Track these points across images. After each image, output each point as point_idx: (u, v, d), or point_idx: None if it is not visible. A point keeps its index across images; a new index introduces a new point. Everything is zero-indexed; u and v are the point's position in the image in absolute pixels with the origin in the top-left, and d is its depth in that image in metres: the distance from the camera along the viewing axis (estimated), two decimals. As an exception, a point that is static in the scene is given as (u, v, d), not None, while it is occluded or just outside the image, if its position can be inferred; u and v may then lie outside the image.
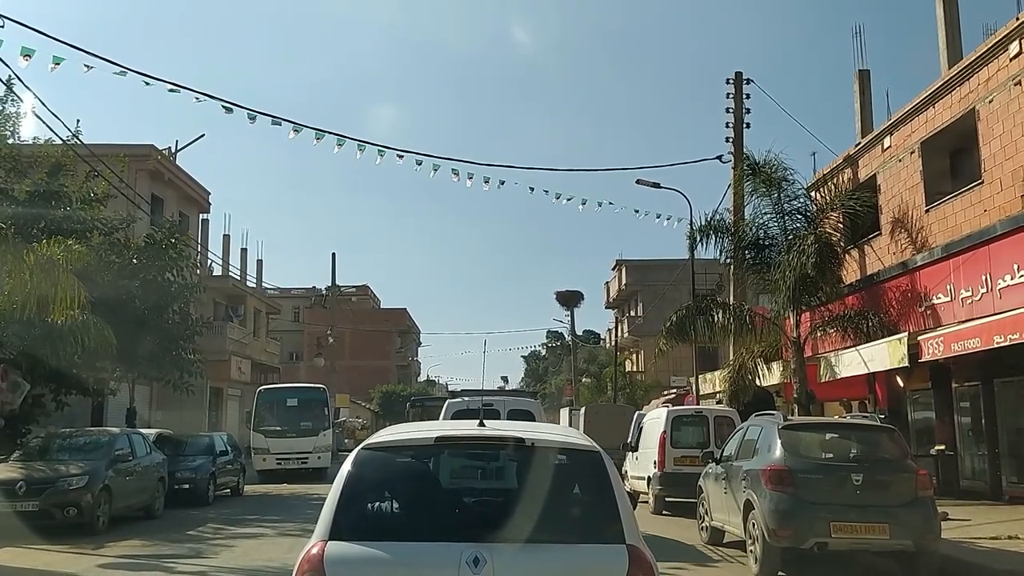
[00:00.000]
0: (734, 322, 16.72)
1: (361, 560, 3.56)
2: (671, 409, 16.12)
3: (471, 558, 3.45)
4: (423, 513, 3.90)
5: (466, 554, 3.46)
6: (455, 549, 3.49)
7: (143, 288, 19.11)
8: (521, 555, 3.53)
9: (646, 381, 46.41)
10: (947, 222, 15.40)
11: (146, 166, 32.00)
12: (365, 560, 3.55)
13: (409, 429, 4.68)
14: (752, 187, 16.97)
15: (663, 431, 15.33)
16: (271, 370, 45.85)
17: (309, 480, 24.56)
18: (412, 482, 4.11)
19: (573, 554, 3.63)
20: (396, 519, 3.96)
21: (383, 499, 4.02)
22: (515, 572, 3.52)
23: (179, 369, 20.28)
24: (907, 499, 8.68)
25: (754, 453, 9.66)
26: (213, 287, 38.63)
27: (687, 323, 16.87)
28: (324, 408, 26.32)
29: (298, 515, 15.02)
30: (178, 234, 20.96)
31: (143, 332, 19.14)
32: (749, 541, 9.27)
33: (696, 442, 15.40)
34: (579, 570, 3.61)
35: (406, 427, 4.94)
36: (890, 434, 9.51)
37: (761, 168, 16.67)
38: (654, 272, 47.87)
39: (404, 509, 3.97)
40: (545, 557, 3.56)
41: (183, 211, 35.89)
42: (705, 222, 17.55)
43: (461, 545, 3.50)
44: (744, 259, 17.55)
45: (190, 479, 17.02)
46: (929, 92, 16.00)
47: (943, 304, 14.20)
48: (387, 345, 71.14)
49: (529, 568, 3.54)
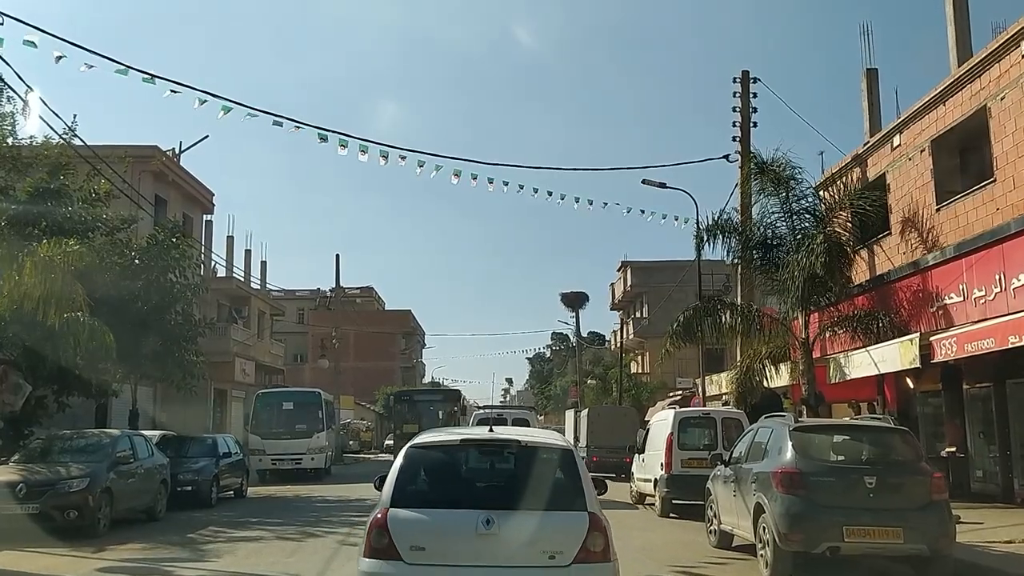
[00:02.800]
0: (742, 323, 16.51)
1: (411, 520, 5.24)
2: (678, 411, 15.92)
3: (484, 520, 5.11)
4: (451, 490, 5.68)
5: (481, 517, 5.13)
6: (473, 514, 5.16)
7: (145, 289, 18.99)
8: (517, 518, 5.19)
9: (651, 383, 46.16)
10: (958, 221, 15.19)
11: (150, 167, 31.86)
12: (414, 520, 5.24)
13: (441, 433, 6.54)
14: (760, 186, 16.77)
15: (670, 433, 15.14)
16: (275, 372, 45.75)
17: (311, 481, 24.50)
18: (444, 469, 5.82)
19: (552, 518, 5.27)
20: (433, 493, 5.63)
21: (425, 480, 5.70)
22: (513, 530, 5.14)
23: (181, 370, 20.16)
24: (921, 502, 8.49)
25: (764, 455, 9.47)
26: (217, 288, 38.57)
27: (695, 324, 16.67)
28: (319, 411, 26.94)
29: (300, 518, 14.87)
30: (180, 234, 20.81)
31: (145, 333, 19.02)
32: (759, 545, 9.08)
33: (703, 444, 15.21)
34: (555, 529, 5.24)
35: (439, 432, 6.83)
36: (903, 436, 9.31)
37: (769, 167, 16.46)
38: (659, 273, 47.67)
39: (439, 487, 5.71)
40: (533, 519, 5.22)
41: (187, 212, 35.77)
42: (712, 222, 17.36)
43: (477, 511, 5.18)
44: (752, 259, 17.34)
45: (193, 481, 16.87)
46: (939, 90, 15.79)
47: (955, 304, 13.99)
48: (392, 347, 71.05)
49: (522, 527, 5.16)
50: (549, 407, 68.94)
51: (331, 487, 22.70)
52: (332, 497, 19.40)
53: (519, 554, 5.14)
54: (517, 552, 5.14)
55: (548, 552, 5.14)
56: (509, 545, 5.13)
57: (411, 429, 27.89)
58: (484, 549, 5.12)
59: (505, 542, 5.13)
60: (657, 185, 25.55)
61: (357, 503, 17.92)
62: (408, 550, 5.15)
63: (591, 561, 5.13)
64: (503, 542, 5.12)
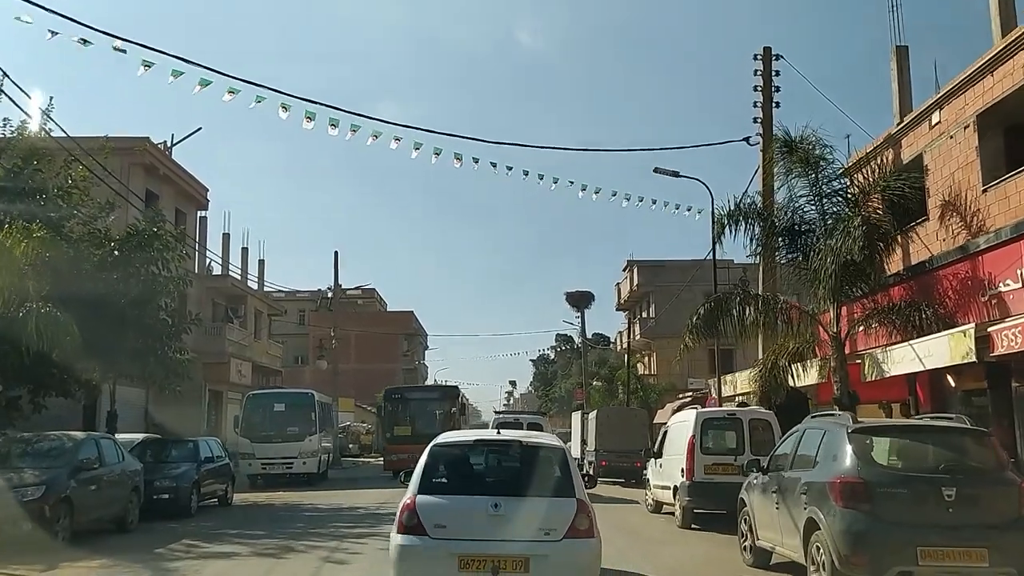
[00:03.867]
0: (767, 316, 15.08)
1: (435, 504, 6.44)
2: (700, 411, 14.47)
3: (493, 504, 6.34)
4: (466, 480, 6.86)
5: (490, 502, 6.37)
6: (484, 500, 6.40)
7: (124, 281, 17.66)
8: (520, 502, 6.43)
9: (659, 385, 44.78)
10: (1009, 202, 13.78)
11: (140, 160, 30.63)
12: (437, 504, 6.45)
13: (459, 434, 8.49)
14: (786, 167, 15.36)
15: (692, 435, 13.74)
16: (273, 373, 44.50)
17: (305, 487, 23.13)
18: (461, 463, 7.03)
19: (547, 502, 6.49)
20: (452, 482, 6.73)
21: (445, 472, 6.80)
22: (517, 512, 6.35)
23: (164, 368, 18.78)
24: (1009, 518, 7.13)
25: (816, 462, 8.09)
26: (212, 287, 37.45)
27: (716, 317, 15.24)
28: (312, 413, 25.47)
29: (283, 530, 13.49)
30: (162, 222, 19.43)
31: (124, 328, 17.71)
32: (812, 568, 7.70)
33: (729, 448, 13.82)
34: (549, 511, 6.42)
35: (456, 434, 8.72)
36: (983, 438, 7.93)
37: (797, 145, 15.06)
38: (667, 273, 46.61)
39: (456, 477, 6.82)
40: (532, 504, 6.45)
41: (180, 208, 34.48)
42: (735, 206, 15.95)
43: (487, 497, 6.42)
44: (777, 247, 15.93)
45: (170, 488, 15.48)
46: (985, 60, 14.40)
47: (1012, 291, 12.58)
48: (393, 348, 69.85)
49: (524, 510, 6.38)
50: (553, 410, 67.43)
51: (325, 493, 21.34)
52: (324, 505, 18.02)
53: (521, 531, 6.28)
54: (519, 529, 6.28)
55: (544, 529, 6.33)
56: (513, 524, 6.29)
57: (403, 431, 26.28)
58: (493, 527, 6.28)
59: (510, 521, 6.30)
60: (670, 173, 24.26)
61: (349, 512, 16.55)
62: (432, 527, 6.31)
63: (578, 537, 6.34)
64: (508, 521, 6.30)
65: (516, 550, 6.18)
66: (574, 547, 6.27)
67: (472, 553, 6.15)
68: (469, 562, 6.13)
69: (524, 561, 6.14)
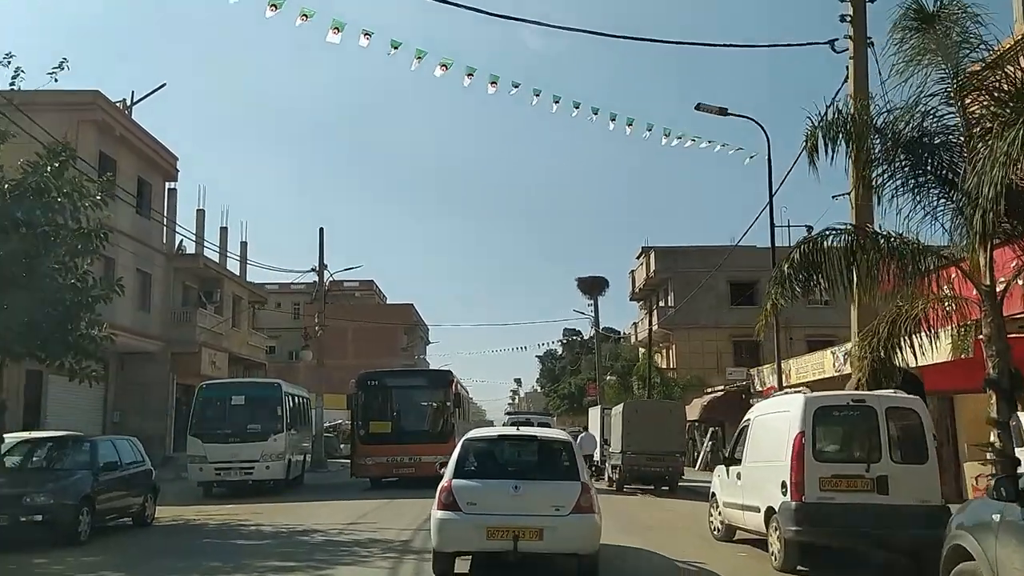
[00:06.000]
0: (899, 262, 10.45)
1: (467, 486, 8.44)
2: (810, 397, 9.67)
3: (514, 486, 8.41)
4: (492, 466, 8.96)
5: (511, 484, 8.44)
6: (507, 483, 8.47)
7: (4, 231, 13.19)
8: (535, 485, 8.53)
9: (681, 379, 40.27)
10: None
11: (91, 116, 26.15)
12: (469, 487, 8.45)
13: (485, 430, 11.52)
14: (920, 48, 10.73)
15: (799, 432, 9.11)
16: (256, 366, 40.25)
17: (268, 497, 18.59)
18: (487, 453, 9.24)
19: (557, 484, 8.55)
20: (480, 469, 8.81)
21: (474, 460, 8.94)
22: (533, 492, 8.38)
23: (68, 348, 14.25)
24: None
25: None
26: (182, 268, 33.13)
27: (817, 258, 10.60)
28: (278, 408, 20.66)
29: (195, 569, 8.94)
30: (67, 153, 14.83)
31: (13, 296, 13.28)
32: None
33: (857, 452, 9.27)
34: (559, 492, 8.41)
35: (483, 430, 11.96)
36: None
37: (939, 16, 10.47)
38: (686, 259, 42.37)
39: (484, 464, 8.92)
40: (545, 486, 8.58)
41: (144, 177, 30.04)
42: (834, 115, 11.33)
43: (510, 480, 8.52)
44: (895, 169, 11.30)
45: (45, 508, 10.97)
46: None
47: None
48: (392, 342, 65.93)
49: (539, 490, 8.45)
50: (563, 407, 62.79)
51: (287, 506, 16.81)
52: (275, 524, 13.43)
53: (536, 507, 8.25)
54: (535, 506, 8.26)
55: (555, 506, 8.24)
56: (530, 502, 8.26)
57: (381, 428, 21.26)
58: (514, 504, 8.21)
59: (527, 500, 8.27)
60: (715, 111, 19.76)
61: (301, 538, 12.03)
62: (465, 504, 8.26)
63: (582, 512, 8.26)
64: (526, 500, 8.26)
65: (532, 523, 8.15)
66: (579, 520, 8.26)
67: (497, 525, 8.14)
68: (495, 532, 8.12)
69: (539, 531, 8.11)
